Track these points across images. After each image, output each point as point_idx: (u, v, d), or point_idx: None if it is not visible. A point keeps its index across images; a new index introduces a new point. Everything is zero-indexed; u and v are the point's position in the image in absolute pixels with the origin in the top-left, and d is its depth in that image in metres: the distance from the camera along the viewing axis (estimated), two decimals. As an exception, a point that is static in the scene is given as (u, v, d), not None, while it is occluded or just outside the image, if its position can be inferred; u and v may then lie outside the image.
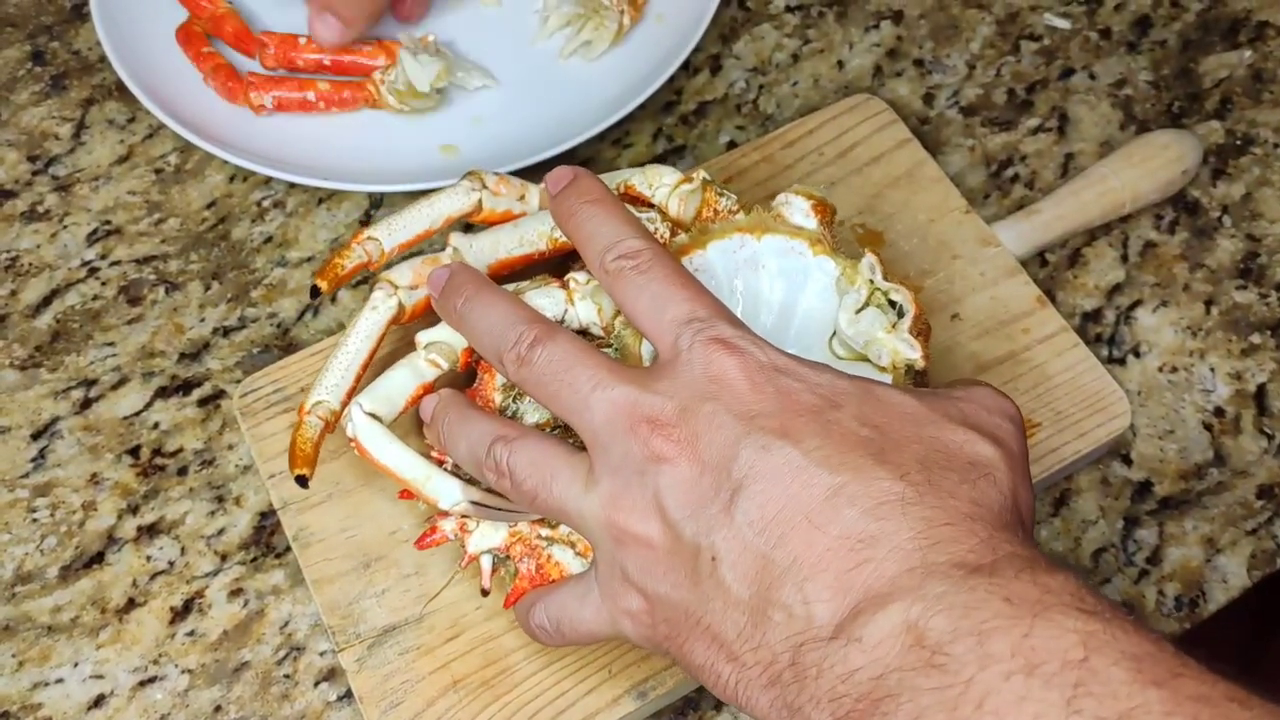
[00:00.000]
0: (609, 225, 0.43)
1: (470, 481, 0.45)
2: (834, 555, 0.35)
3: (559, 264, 0.51)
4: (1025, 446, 0.41)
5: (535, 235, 0.51)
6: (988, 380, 0.47)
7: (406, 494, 0.46)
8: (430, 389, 0.47)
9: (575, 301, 0.47)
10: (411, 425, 0.50)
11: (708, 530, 0.37)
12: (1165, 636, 0.32)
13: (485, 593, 0.47)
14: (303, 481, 0.47)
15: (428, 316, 0.49)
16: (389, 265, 0.50)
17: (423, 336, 0.48)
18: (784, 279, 0.48)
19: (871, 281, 0.47)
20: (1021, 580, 0.33)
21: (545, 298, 0.47)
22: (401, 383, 0.47)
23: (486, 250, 0.50)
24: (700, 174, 0.50)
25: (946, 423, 0.39)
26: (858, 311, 0.47)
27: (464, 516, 0.46)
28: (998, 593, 0.33)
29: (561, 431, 0.46)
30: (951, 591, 0.33)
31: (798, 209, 0.49)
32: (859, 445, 0.37)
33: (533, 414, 0.46)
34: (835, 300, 0.48)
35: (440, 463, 0.46)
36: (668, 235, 0.49)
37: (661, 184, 0.50)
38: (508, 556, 0.46)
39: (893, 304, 0.47)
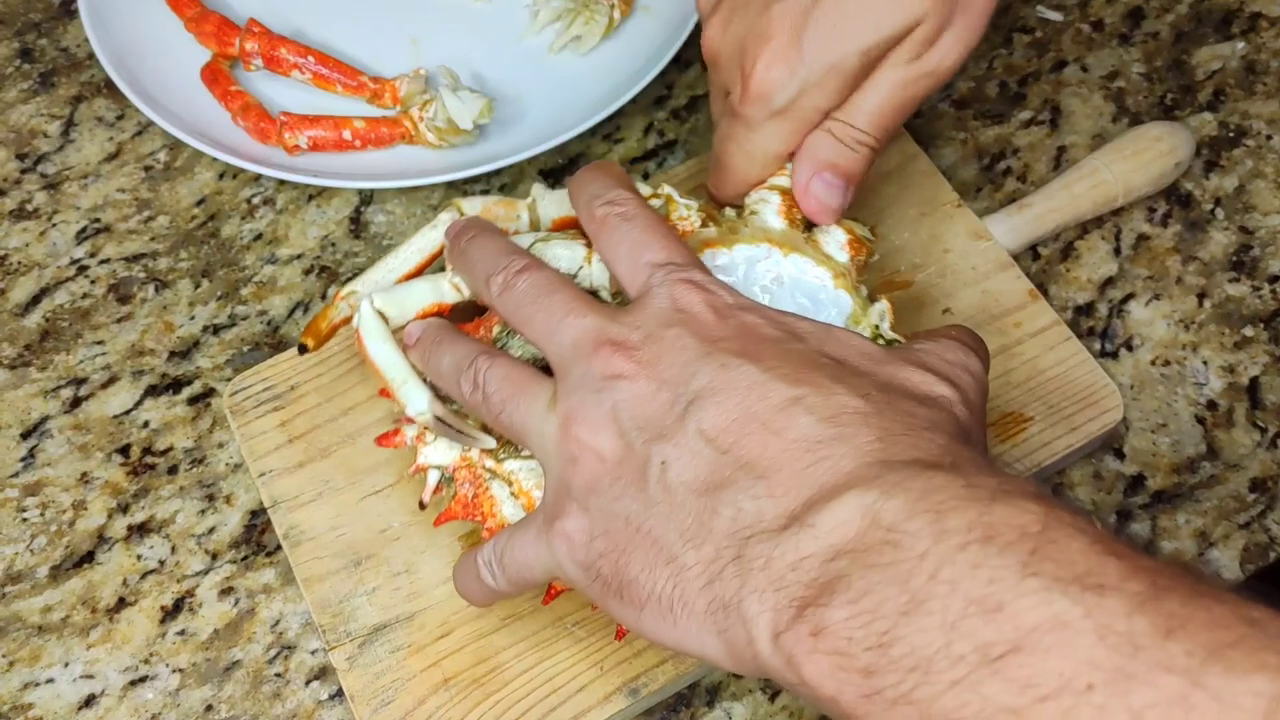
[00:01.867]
0: (605, 180, 0.46)
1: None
2: (790, 456, 0.36)
3: None
4: (983, 402, 0.41)
5: None
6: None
7: (385, 393, 0.47)
8: (443, 311, 0.48)
9: (593, 261, 0.47)
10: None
11: (659, 437, 0.38)
12: None
13: (422, 505, 0.48)
14: (303, 349, 0.49)
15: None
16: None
17: (536, 189, 0.50)
18: (800, 302, 0.48)
19: (877, 327, 0.47)
20: (982, 474, 0.34)
21: (565, 249, 0.47)
22: (419, 294, 0.48)
23: (554, 208, 0.51)
24: (664, 188, 0.49)
25: (905, 364, 0.40)
26: None
27: (425, 429, 0.47)
28: (957, 480, 0.33)
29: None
30: (909, 479, 0.34)
31: (835, 239, 0.48)
32: (819, 368, 0.38)
33: (518, 351, 0.47)
34: None
35: None
36: (698, 224, 0.49)
37: None
38: (452, 478, 0.47)
39: None
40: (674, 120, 0.64)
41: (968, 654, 0.30)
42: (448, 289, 0.48)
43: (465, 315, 0.49)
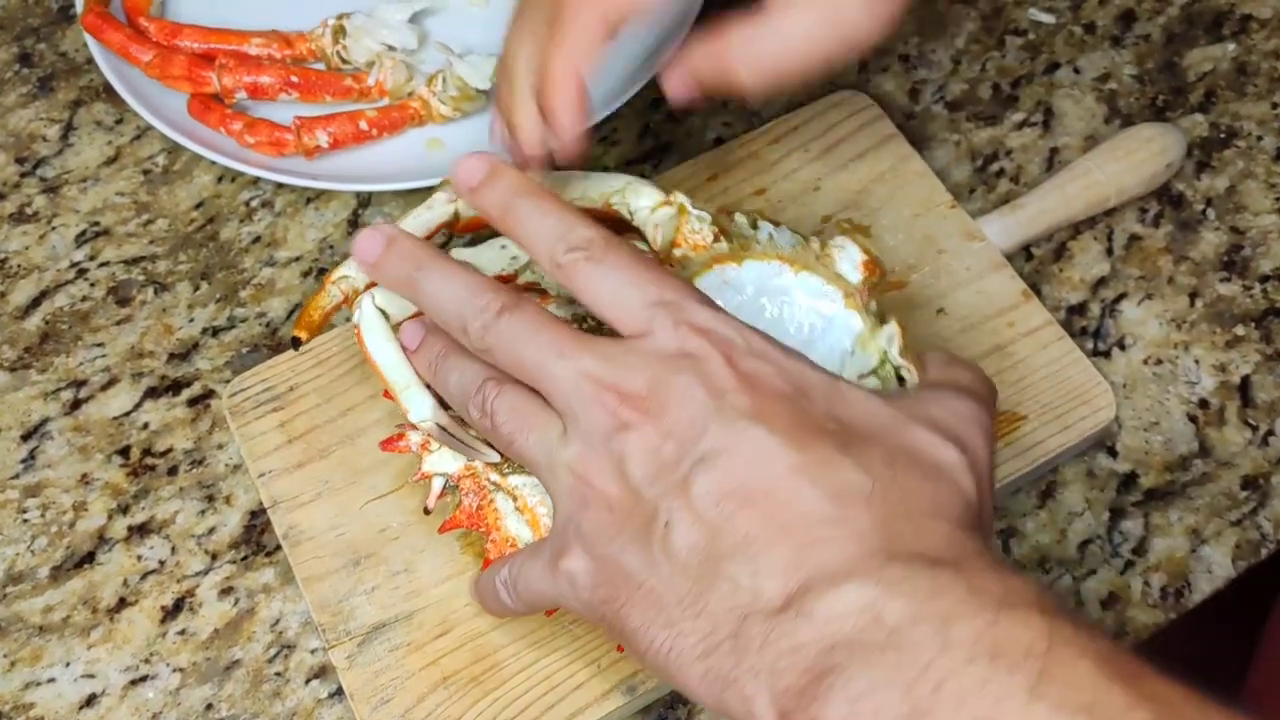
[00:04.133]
0: (551, 219, 0.42)
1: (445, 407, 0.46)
2: (789, 532, 0.35)
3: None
4: (991, 456, 0.41)
5: (596, 195, 0.49)
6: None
7: (389, 395, 0.47)
8: None
9: None
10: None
11: (664, 495, 0.38)
12: (1123, 644, 0.33)
13: (427, 511, 0.48)
14: (296, 343, 0.48)
15: (483, 231, 0.49)
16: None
17: (458, 254, 0.48)
18: (809, 318, 0.48)
19: (885, 351, 0.46)
20: (985, 576, 0.34)
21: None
22: None
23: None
24: (678, 196, 0.49)
25: (911, 424, 0.39)
26: (861, 375, 0.46)
27: (430, 436, 0.47)
28: (962, 583, 0.33)
29: None
30: (913, 577, 0.33)
31: (849, 258, 0.48)
32: (825, 435, 0.37)
33: (559, 311, 0.46)
34: (848, 358, 0.47)
35: None
36: (710, 239, 0.48)
37: (640, 206, 0.48)
38: (457, 486, 0.47)
39: (901, 380, 0.46)
40: (669, 122, 0.65)
41: None
42: None
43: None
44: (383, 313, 0.47)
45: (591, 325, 0.47)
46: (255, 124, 0.60)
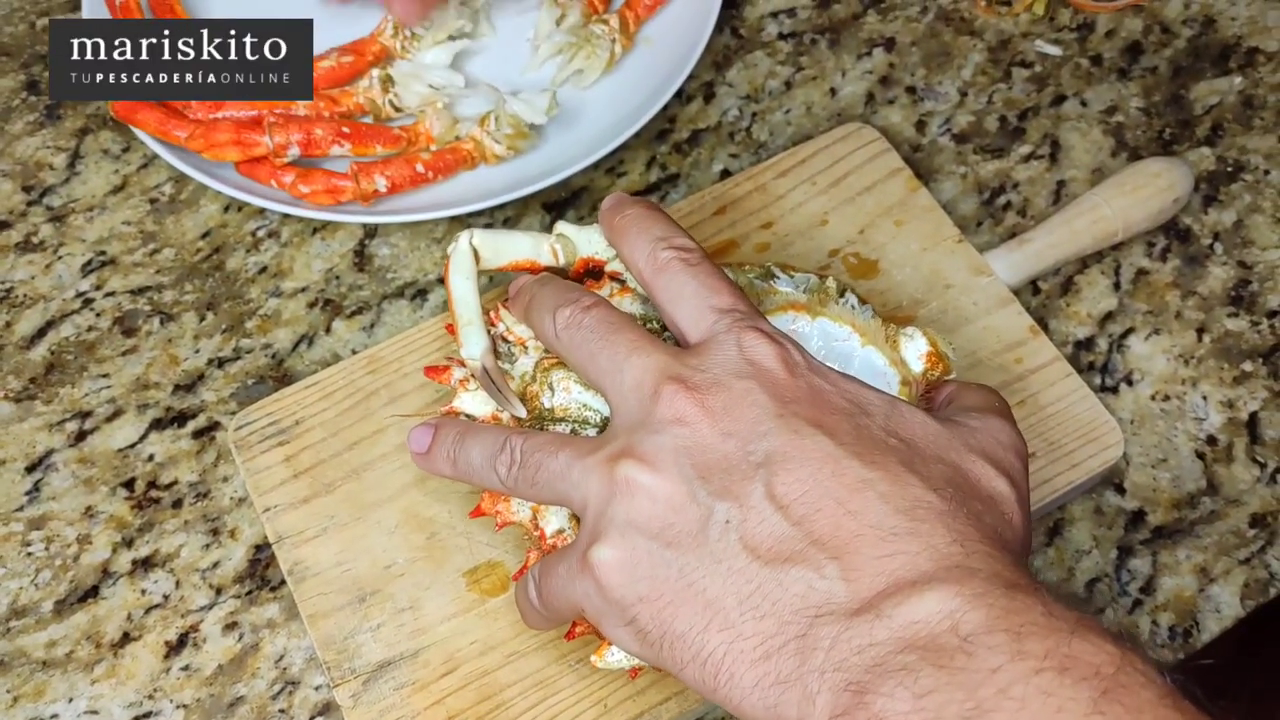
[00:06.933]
0: (662, 224, 0.46)
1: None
2: (864, 541, 0.36)
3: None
4: (1028, 487, 0.41)
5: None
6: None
7: (450, 328, 0.50)
8: (534, 270, 0.50)
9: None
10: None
11: (723, 494, 0.37)
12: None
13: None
14: None
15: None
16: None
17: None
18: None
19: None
20: (1058, 605, 0.34)
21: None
22: (518, 245, 0.50)
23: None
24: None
25: (967, 451, 0.40)
26: None
27: (471, 376, 0.49)
28: (1039, 606, 0.33)
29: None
30: (992, 593, 0.34)
31: (915, 347, 0.48)
32: (889, 451, 0.38)
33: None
34: None
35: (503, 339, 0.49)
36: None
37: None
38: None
39: None
40: (676, 154, 0.65)
41: None
42: (545, 250, 0.50)
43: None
44: (475, 252, 0.49)
45: (654, 329, 0.47)
46: (309, 173, 0.59)
